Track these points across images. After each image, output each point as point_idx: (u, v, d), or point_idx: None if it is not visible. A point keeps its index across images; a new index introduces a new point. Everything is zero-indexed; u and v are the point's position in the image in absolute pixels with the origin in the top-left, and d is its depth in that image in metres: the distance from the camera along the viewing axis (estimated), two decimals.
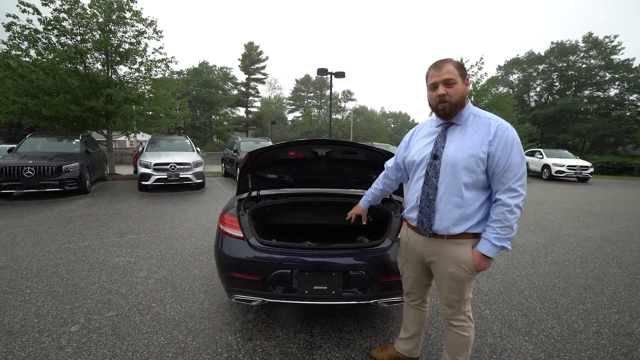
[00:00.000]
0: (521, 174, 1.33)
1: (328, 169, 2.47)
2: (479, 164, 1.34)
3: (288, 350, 2.02)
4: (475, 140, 1.35)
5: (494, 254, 1.35)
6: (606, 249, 4.24)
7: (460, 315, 1.52)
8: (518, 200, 1.32)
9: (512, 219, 1.32)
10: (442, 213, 1.41)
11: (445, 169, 1.39)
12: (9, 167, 6.29)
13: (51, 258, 3.52)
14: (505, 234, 1.33)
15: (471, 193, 1.38)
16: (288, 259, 1.96)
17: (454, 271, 1.43)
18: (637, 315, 2.51)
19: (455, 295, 1.48)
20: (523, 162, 1.34)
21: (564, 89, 33.76)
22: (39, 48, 8.94)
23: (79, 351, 1.97)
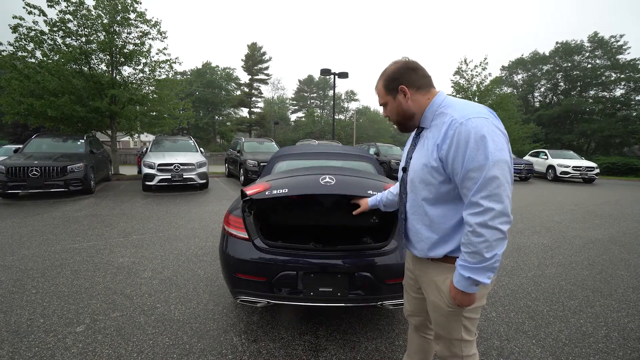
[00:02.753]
0: (484, 180, 0.95)
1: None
2: (433, 175, 1.09)
3: (293, 352, 2.01)
4: (429, 145, 1.11)
5: (464, 286, 1.03)
6: (614, 251, 4.19)
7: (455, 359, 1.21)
8: (483, 218, 0.96)
9: (479, 242, 0.97)
10: (414, 234, 1.22)
11: (409, 183, 1.21)
12: (15, 168, 6.35)
13: (56, 258, 3.53)
14: (473, 262, 1.00)
15: (437, 210, 1.12)
16: (293, 260, 1.95)
17: (434, 300, 1.19)
18: None
19: (441, 330, 1.21)
20: (489, 163, 0.95)
21: (569, 89, 33.50)
22: (45, 49, 9.03)
23: (84, 352, 1.97)
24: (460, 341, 1.18)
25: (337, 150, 3.22)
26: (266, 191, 1.91)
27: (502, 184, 0.96)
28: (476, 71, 18.60)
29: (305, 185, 1.95)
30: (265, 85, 47.36)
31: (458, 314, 1.14)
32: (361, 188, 1.86)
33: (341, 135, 43.59)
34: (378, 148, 13.61)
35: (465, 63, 18.84)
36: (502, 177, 0.96)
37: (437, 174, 1.08)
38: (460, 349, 1.19)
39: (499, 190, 0.96)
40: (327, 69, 15.30)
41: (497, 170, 0.95)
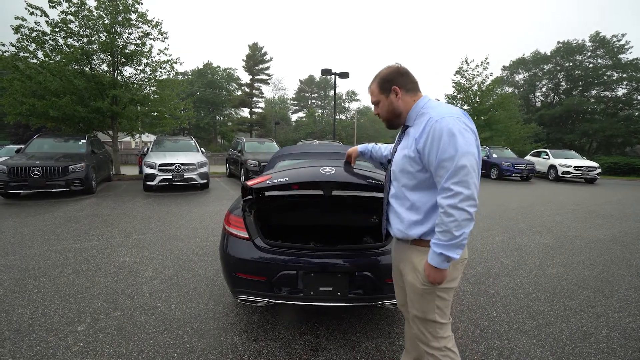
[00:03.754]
0: (454, 169, 1.12)
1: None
2: (411, 164, 1.26)
3: (293, 352, 2.01)
4: (409, 140, 1.29)
5: (437, 262, 1.18)
6: (615, 251, 4.17)
7: (432, 339, 1.30)
8: (453, 201, 1.12)
9: (449, 222, 1.12)
10: (395, 216, 1.38)
11: (393, 173, 1.39)
12: (17, 168, 6.37)
13: (58, 258, 3.55)
14: (445, 240, 1.14)
15: (417, 195, 1.28)
16: (293, 259, 1.95)
17: (411, 280, 1.33)
18: None
19: (415, 310, 1.33)
20: (458, 154, 1.12)
21: (571, 89, 33.41)
22: (47, 50, 9.06)
23: (85, 351, 1.98)
24: (434, 323, 1.30)
25: (337, 150, 3.22)
26: (267, 181, 1.92)
27: (469, 172, 1.13)
28: (477, 71, 18.55)
29: (305, 174, 1.98)
30: (266, 85, 47.43)
31: (432, 292, 1.28)
32: (360, 177, 1.89)
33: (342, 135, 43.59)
34: None
35: (466, 63, 18.79)
36: (469, 166, 1.13)
37: (415, 164, 1.26)
38: (435, 330, 1.31)
39: (466, 177, 1.12)
40: (328, 69, 15.29)
41: (466, 161, 1.12)
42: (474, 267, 3.49)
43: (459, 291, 2.90)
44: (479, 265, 3.57)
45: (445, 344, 1.31)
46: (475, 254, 3.92)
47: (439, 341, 1.31)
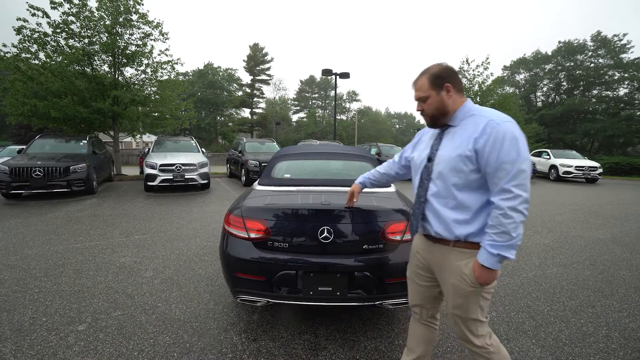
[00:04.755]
0: (516, 172, 1.16)
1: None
2: (466, 163, 1.26)
3: (293, 351, 2.02)
4: (463, 139, 1.29)
5: (491, 263, 1.20)
6: (616, 251, 4.17)
7: (474, 338, 1.35)
8: (513, 203, 1.16)
9: (508, 223, 1.16)
10: (436, 215, 1.37)
11: (436, 171, 1.37)
12: (19, 168, 6.40)
13: (59, 258, 3.56)
14: (502, 241, 1.17)
15: (465, 195, 1.30)
16: (293, 259, 1.95)
17: (455, 282, 1.33)
18: None
19: (459, 311, 1.35)
20: (520, 159, 1.17)
21: (572, 89, 33.34)
22: (48, 51, 9.09)
23: (86, 350, 1.99)
24: (476, 321, 1.34)
25: (337, 150, 3.22)
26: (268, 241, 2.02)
27: (527, 176, 1.19)
28: (478, 71, 18.56)
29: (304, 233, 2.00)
30: (267, 85, 47.49)
31: (478, 293, 1.31)
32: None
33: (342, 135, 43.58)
34: (379, 148, 13.62)
35: (467, 63, 18.80)
36: (528, 171, 1.19)
37: (470, 163, 1.26)
38: (476, 329, 1.35)
39: (525, 181, 1.18)
40: (329, 70, 15.31)
41: (526, 165, 1.18)
42: None
43: None
44: None
45: (486, 341, 1.36)
46: None
47: (480, 339, 1.35)
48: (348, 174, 2.88)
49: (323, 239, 1.95)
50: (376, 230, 2.00)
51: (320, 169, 2.95)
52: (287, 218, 2.05)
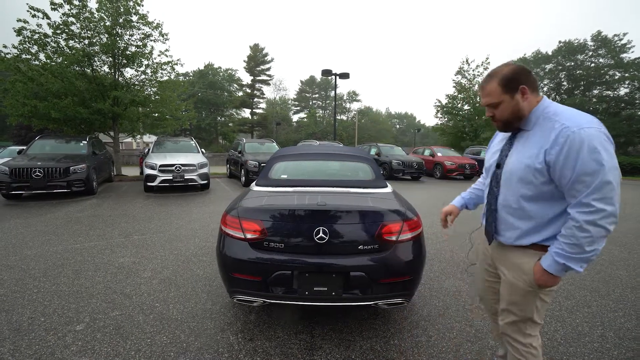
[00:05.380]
0: (598, 184, 1.06)
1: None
2: (535, 176, 1.19)
3: (288, 351, 2.03)
4: (533, 149, 1.20)
5: (555, 270, 1.17)
6: (613, 251, 4.17)
7: (521, 336, 1.34)
8: (592, 217, 1.07)
9: (582, 237, 1.09)
10: (505, 224, 1.33)
11: (504, 179, 1.31)
12: (19, 169, 6.43)
13: (58, 258, 3.58)
14: (571, 252, 1.12)
15: (535, 206, 1.23)
16: (288, 260, 1.97)
17: (513, 280, 1.31)
18: None
19: (513, 307, 1.33)
20: (602, 170, 1.05)
21: (572, 89, 33.29)
22: (48, 52, 9.13)
23: (83, 350, 2.01)
24: (531, 321, 1.32)
25: (335, 151, 3.24)
26: (264, 242, 2.03)
27: (614, 188, 1.07)
28: (478, 71, 18.55)
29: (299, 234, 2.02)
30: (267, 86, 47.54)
31: (536, 295, 1.28)
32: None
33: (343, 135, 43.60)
34: (379, 148, 13.62)
35: (467, 63, 18.81)
36: (614, 182, 1.07)
37: (540, 176, 1.18)
38: (526, 327, 1.33)
39: (612, 193, 1.07)
40: (328, 70, 15.33)
41: (611, 177, 1.07)
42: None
43: (456, 291, 2.91)
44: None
45: (531, 342, 1.33)
46: None
47: (526, 338, 1.33)
48: (345, 174, 2.89)
49: (318, 239, 1.96)
50: (371, 231, 2.02)
51: (318, 170, 2.96)
52: (282, 219, 2.06)
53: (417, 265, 2.11)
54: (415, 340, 2.16)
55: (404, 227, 2.08)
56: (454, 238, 4.63)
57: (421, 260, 2.15)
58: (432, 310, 2.56)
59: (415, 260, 2.09)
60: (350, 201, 2.21)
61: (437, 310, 2.56)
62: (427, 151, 14.84)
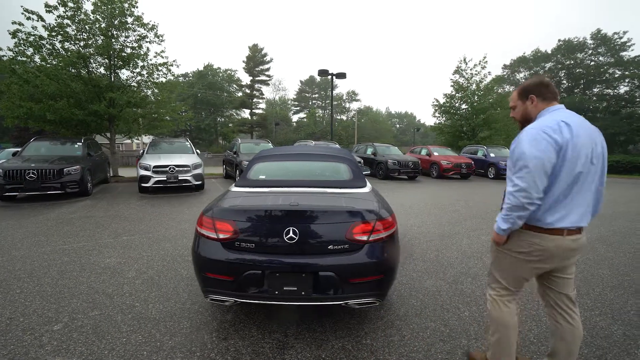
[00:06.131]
0: (513, 163, 1.50)
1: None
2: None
3: (260, 350, 2.05)
4: None
5: (495, 227, 1.61)
6: (600, 250, 4.17)
7: (488, 287, 1.78)
8: (511, 189, 1.49)
9: (507, 203, 1.50)
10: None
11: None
12: (12, 171, 6.47)
13: (44, 259, 3.61)
14: (502, 214, 1.56)
15: None
16: (259, 260, 1.99)
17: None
18: (619, 318, 2.48)
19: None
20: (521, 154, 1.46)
21: (572, 87, 33.22)
22: (44, 54, 9.18)
23: (58, 349, 2.03)
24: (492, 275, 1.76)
25: (314, 152, 3.26)
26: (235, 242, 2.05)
27: (530, 171, 1.43)
28: (475, 70, 18.52)
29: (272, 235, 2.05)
30: (266, 86, 47.60)
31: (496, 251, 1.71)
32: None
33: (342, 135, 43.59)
34: (375, 148, 13.62)
35: (464, 62, 18.78)
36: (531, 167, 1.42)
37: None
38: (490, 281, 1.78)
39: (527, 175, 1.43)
40: (325, 70, 15.34)
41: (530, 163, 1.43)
42: (454, 267, 3.51)
43: (436, 291, 2.92)
44: (460, 264, 3.59)
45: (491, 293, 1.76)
46: (458, 254, 3.94)
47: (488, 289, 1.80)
48: (323, 174, 2.91)
49: (288, 239, 1.98)
50: (342, 231, 2.03)
51: (296, 170, 2.98)
52: (254, 219, 2.08)
53: (390, 265, 2.12)
54: (388, 340, 2.17)
55: (376, 227, 2.09)
56: (443, 238, 4.64)
57: (394, 260, 2.17)
58: (409, 310, 2.57)
59: (387, 260, 2.10)
60: (324, 201, 2.23)
61: (414, 310, 2.57)
62: (424, 150, 14.83)
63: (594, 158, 1.48)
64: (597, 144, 1.50)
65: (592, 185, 1.52)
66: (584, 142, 1.45)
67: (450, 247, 4.22)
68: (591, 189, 1.52)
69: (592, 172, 1.50)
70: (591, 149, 1.47)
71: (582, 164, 1.45)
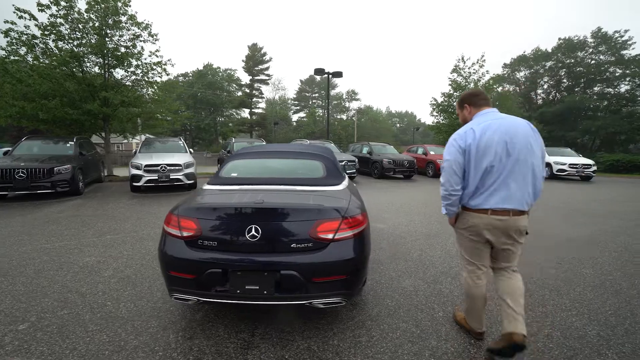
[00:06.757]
0: (441, 166, 1.98)
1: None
2: None
3: (223, 350, 2.02)
4: None
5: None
6: (586, 249, 4.11)
7: (462, 267, 2.15)
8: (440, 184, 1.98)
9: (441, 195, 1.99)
10: None
11: None
12: (1, 170, 6.46)
13: (23, 258, 3.59)
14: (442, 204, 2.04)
15: None
16: (220, 258, 1.96)
17: None
18: (595, 318, 2.43)
19: None
20: (444, 159, 1.95)
21: (573, 86, 32.98)
22: (37, 53, 9.18)
23: (18, 349, 2.01)
24: (461, 255, 2.14)
25: (290, 149, 3.23)
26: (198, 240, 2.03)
27: (446, 171, 1.91)
28: (473, 69, 18.42)
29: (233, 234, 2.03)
30: (266, 85, 47.59)
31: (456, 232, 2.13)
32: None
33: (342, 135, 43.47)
34: (371, 147, 13.56)
35: (462, 61, 18.67)
36: (446, 166, 1.92)
37: None
38: (460, 258, 2.17)
39: (444, 173, 1.93)
40: (321, 69, 15.29)
41: (445, 164, 1.94)
42: (436, 267, 3.46)
43: (413, 291, 2.88)
44: (442, 264, 3.54)
45: (463, 272, 2.14)
46: (442, 253, 3.89)
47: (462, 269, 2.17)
48: (296, 172, 2.87)
49: (250, 237, 1.95)
50: (305, 229, 2.00)
51: (269, 168, 2.95)
52: (217, 217, 2.05)
53: (356, 264, 2.08)
54: (356, 341, 2.13)
55: (343, 225, 2.05)
56: (429, 237, 4.60)
57: (361, 259, 2.12)
58: (382, 310, 2.53)
59: (354, 259, 2.06)
60: (291, 199, 2.20)
61: (387, 310, 2.53)
62: (420, 149, 14.77)
63: (510, 150, 1.77)
64: (517, 137, 1.77)
65: (515, 173, 1.78)
66: (489, 141, 1.78)
67: (435, 246, 4.17)
68: (516, 178, 1.79)
69: (511, 162, 1.77)
70: (505, 143, 1.77)
71: (491, 160, 1.78)
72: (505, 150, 1.76)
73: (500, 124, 1.81)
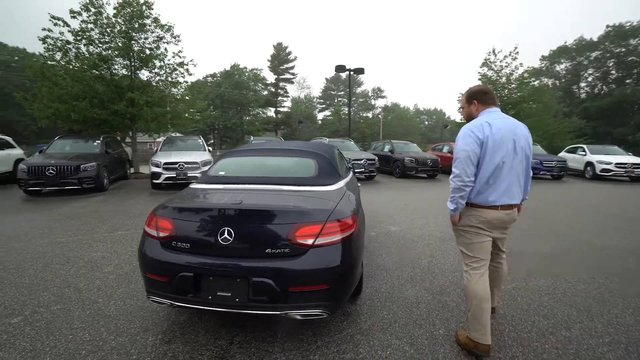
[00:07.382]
0: (455, 157, 1.89)
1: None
2: None
3: (197, 357, 1.91)
4: None
5: (448, 211, 1.98)
6: (628, 262, 3.58)
7: (463, 266, 2.04)
8: (451, 175, 1.90)
9: (450, 188, 1.91)
10: None
11: None
12: (34, 167, 6.95)
13: (38, 251, 3.75)
14: (449, 199, 1.94)
15: None
16: (191, 261, 1.85)
17: None
18: (636, 350, 2.02)
19: None
20: (458, 150, 1.87)
21: (623, 77, 29.95)
22: (70, 57, 9.81)
23: (3, 344, 2.03)
24: (461, 252, 2.05)
25: (283, 147, 3.07)
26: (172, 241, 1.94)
27: (461, 161, 1.84)
28: (505, 62, 17.21)
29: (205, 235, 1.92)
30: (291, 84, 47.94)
31: (456, 231, 2.07)
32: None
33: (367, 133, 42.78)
34: (393, 145, 13.08)
35: (493, 54, 17.50)
36: (461, 157, 1.84)
37: None
38: (462, 258, 2.07)
39: (459, 164, 1.85)
40: (342, 66, 15.03)
41: (459, 154, 1.86)
42: (445, 275, 3.15)
43: (414, 302, 2.62)
44: (453, 273, 3.22)
45: (465, 269, 2.01)
46: (455, 261, 3.54)
47: (463, 265, 2.04)
48: (286, 170, 2.71)
49: (222, 240, 1.82)
50: (283, 233, 1.83)
51: (259, 166, 2.81)
52: (191, 218, 1.94)
53: (340, 273, 1.88)
54: (340, 357, 1.94)
55: (325, 230, 1.87)
56: (443, 242, 4.26)
57: (346, 268, 1.92)
58: (375, 323, 2.31)
59: (338, 268, 1.86)
60: (272, 200, 2.04)
61: (381, 324, 2.30)
62: (446, 148, 14.05)
63: (517, 148, 1.84)
64: (519, 137, 1.86)
65: (516, 170, 1.86)
66: (503, 137, 1.81)
67: (448, 252, 3.84)
68: (517, 175, 1.88)
69: (516, 161, 1.85)
70: (513, 141, 1.83)
71: (503, 155, 1.81)
72: (513, 148, 1.83)
73: (506, 122, 1.88)
